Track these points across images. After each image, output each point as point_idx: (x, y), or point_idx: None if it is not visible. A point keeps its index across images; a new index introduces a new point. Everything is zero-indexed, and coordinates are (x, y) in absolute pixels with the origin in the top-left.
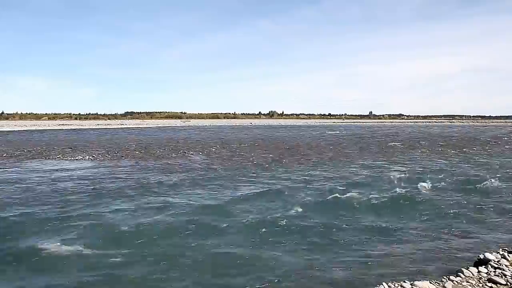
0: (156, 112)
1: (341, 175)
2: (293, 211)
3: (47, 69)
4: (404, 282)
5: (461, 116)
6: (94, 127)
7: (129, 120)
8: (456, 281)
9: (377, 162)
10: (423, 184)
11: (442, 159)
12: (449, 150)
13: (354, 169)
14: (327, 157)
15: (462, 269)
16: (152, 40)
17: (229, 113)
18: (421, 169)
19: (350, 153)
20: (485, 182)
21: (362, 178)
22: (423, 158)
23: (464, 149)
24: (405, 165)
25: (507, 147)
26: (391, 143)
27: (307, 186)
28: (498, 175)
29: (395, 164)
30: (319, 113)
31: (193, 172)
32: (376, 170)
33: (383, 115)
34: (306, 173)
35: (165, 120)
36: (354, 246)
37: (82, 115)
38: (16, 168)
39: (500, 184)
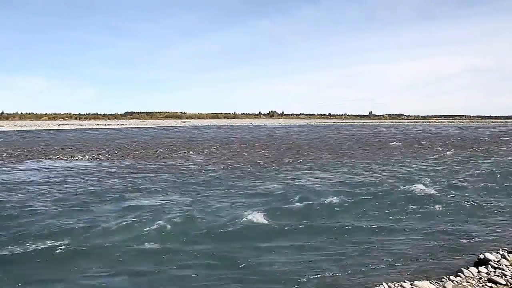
0: (156, 112)
1: (339, 175)
2: (291, 212)
3: (47, 69)
4: (404, 282)
5: (461, 116)
6: (94, 127)
7: (129, 120)
8: (456, 281)
9: (377, 162)
10: (423, 184)
11: (441, 158)
12: (449, 150)
13: (352, 169)
14: (326, 157)
15: (462, 269)
16: (152, 40)
17: (229, 113)
18: (420, 169)
19: (349, 153)
20: (484, 182)
21: (361, 178)
22: (422, 158)
23: (464, 149)
24: (404, 165)
25: (506, 146)
26: (390, 143)
27: (307, 186)
28: (497, 175)
29: (395, 164)
30: (319, 113)
31: (193, 173)
32: (376, 170)
33: (383, 115)
34: (306, 174)
35: (165, 120)
36: (354, 246)
37: (82, 115)
38: (16, 168)
39: (500, 183)
